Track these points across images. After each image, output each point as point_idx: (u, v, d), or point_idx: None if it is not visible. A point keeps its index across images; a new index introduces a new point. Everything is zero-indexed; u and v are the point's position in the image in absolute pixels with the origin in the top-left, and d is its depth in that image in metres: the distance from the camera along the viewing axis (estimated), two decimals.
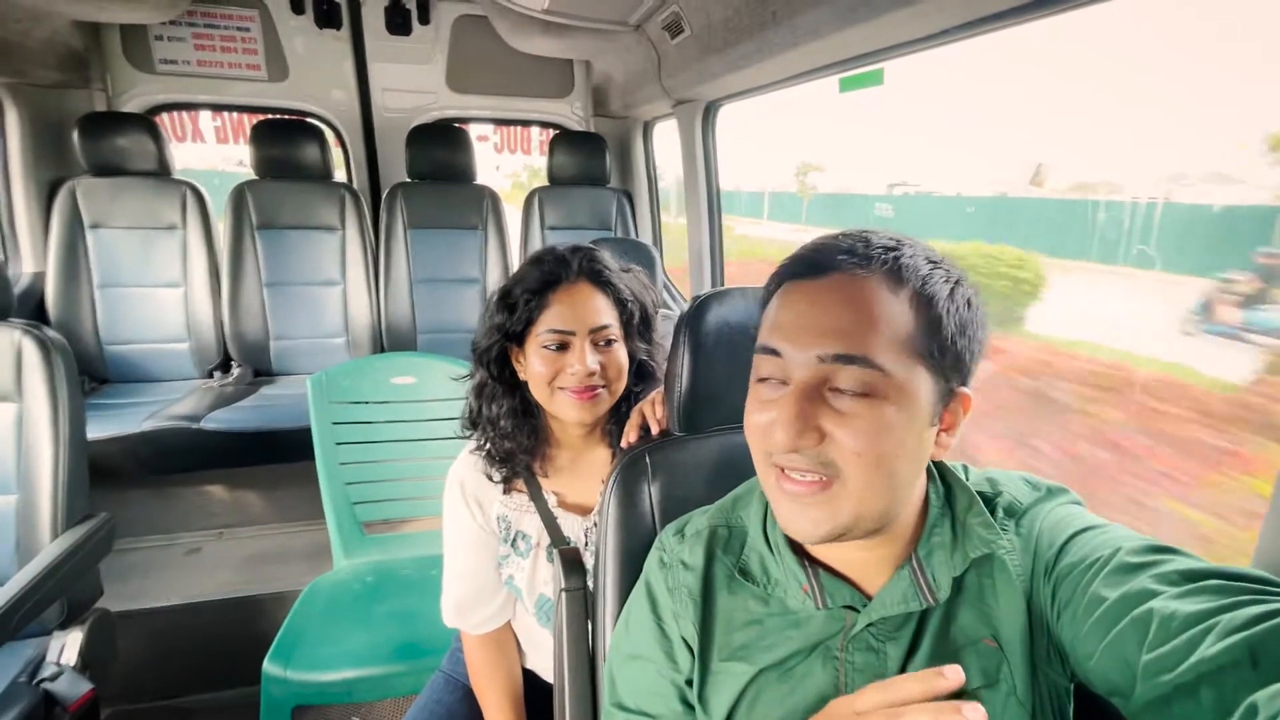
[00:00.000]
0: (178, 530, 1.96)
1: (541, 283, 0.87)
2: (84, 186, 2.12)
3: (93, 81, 2.25)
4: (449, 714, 1.05)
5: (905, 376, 0.49)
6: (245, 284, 2.26)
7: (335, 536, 1.56)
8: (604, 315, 0.88)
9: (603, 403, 0.88)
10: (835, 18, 1.12)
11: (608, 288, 0.89)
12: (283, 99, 2.49)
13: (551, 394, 0.87)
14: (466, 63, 2.65)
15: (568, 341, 0.86)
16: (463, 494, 0.97)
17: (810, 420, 0.49)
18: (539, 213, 2.59)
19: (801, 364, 0.51)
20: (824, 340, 0.50)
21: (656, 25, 1.86)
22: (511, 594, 1.00)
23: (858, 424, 0.49)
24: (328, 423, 1.51)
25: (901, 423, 0.49)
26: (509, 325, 0.88)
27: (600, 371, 0.86)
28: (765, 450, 0.54)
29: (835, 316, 0.50)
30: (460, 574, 1.00)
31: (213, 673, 1.67)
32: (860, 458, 0.49)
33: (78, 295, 2.13)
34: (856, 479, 0.49)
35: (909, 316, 0.50)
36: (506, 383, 0.92)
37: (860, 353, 0.49)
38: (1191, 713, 0.38)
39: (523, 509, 0.97)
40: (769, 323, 0.55)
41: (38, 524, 1.20)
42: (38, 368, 1.20)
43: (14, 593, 1.05)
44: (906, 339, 0.49)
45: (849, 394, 0.49)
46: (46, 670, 1.14)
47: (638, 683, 0.64)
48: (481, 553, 0.99)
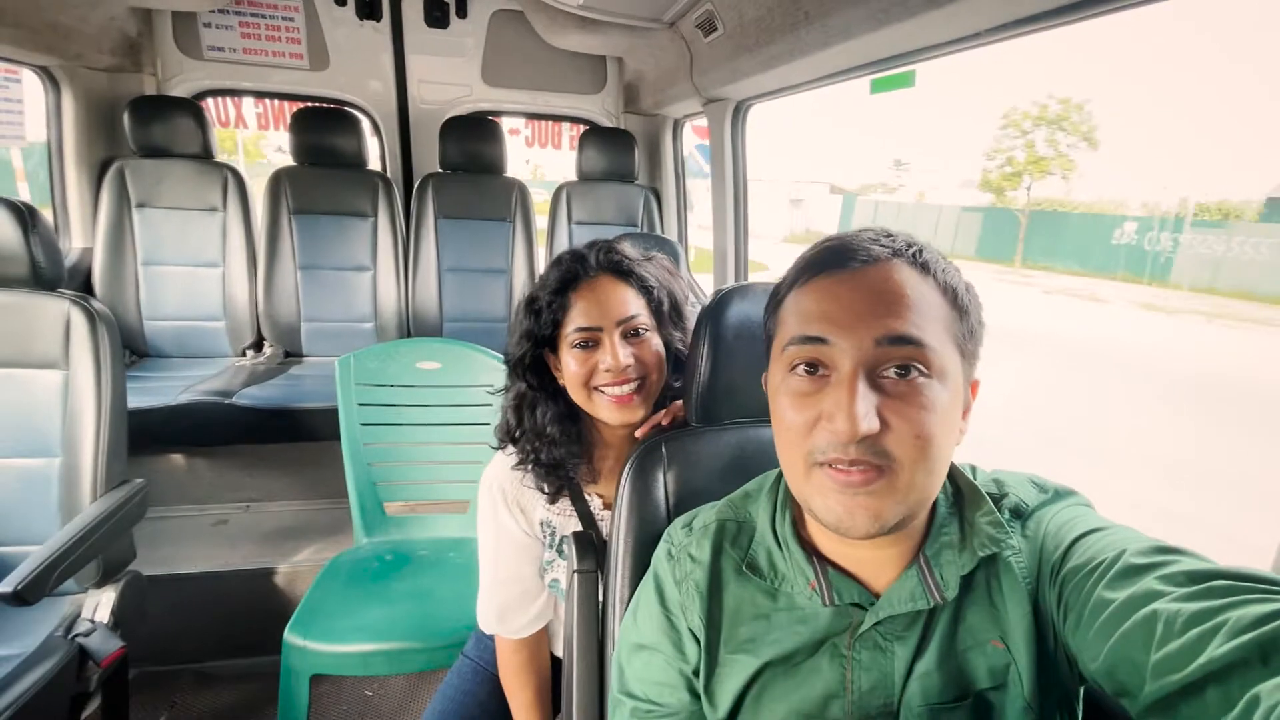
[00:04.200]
0: (207, 501, 2.03)
1: (561, 282, 0.85)
2: (132, 167, 2.20)
3: (144, 66, 2.33)
4: (480, 706, 1.04)
5: (947, 358, 0.50)
6: (280, 266, 2.33)
7: (357, 515, 1.60)
8: (630, 305, 0.85)
9: (645, 401, 0.85)
10: (868, 18, 1.12)
11: (630, 277, 0.86)
12: (322, 88, 2.55)
13: (589, 396, 0.85)
14: (501, 57, 2.68)
15: (596, 338, 0.83)
16: (504, 499, 0.94)
17: (872, 404, 0.48)
18: (566, 207, 2.62)
19: (854, 349, 0.49)
20: (878, 323, 0.49)
21: (690, 23, 1.86)
22: (553, 595, 0.99)
23: (914, 405, 0.48)
24: (354, 404, 1.55)
25: (948, 405, 0.49)
26: (537, 330, 0.85)
27: (635, 364, 0.83)
28: (808, 449, 0.50)
29: (885, 300, 0.50)
30: (502, 580, 0.96)
31: (235, 640, 1.73)
32: (918, 440, 0.48)
33: (122, 271, 2.21)
34: (911, 465, 0.48)
35: (942, 302, 0.51)
36: (548, 390, 0.89)
37: (915, 333, 0.49)
38: (1199, 712, 0.37)
39: (566, 513, 0.94)
40: (802, 314, 0.53)
41: (79, 486, 1.26)
42: (85, 338, 1.25)
43: (54, 550, 1.10)
44: (946, 321, 0.51)
45: (903, 377, 0.48)
46: (81, 626, 1.20)
47: (646, 672, 0.64)
48: (524, 557, 0.96)
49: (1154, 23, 10.93)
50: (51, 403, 1.26)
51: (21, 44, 1.85)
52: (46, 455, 1.26)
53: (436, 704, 1.05)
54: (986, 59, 5.10)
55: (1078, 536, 0.52)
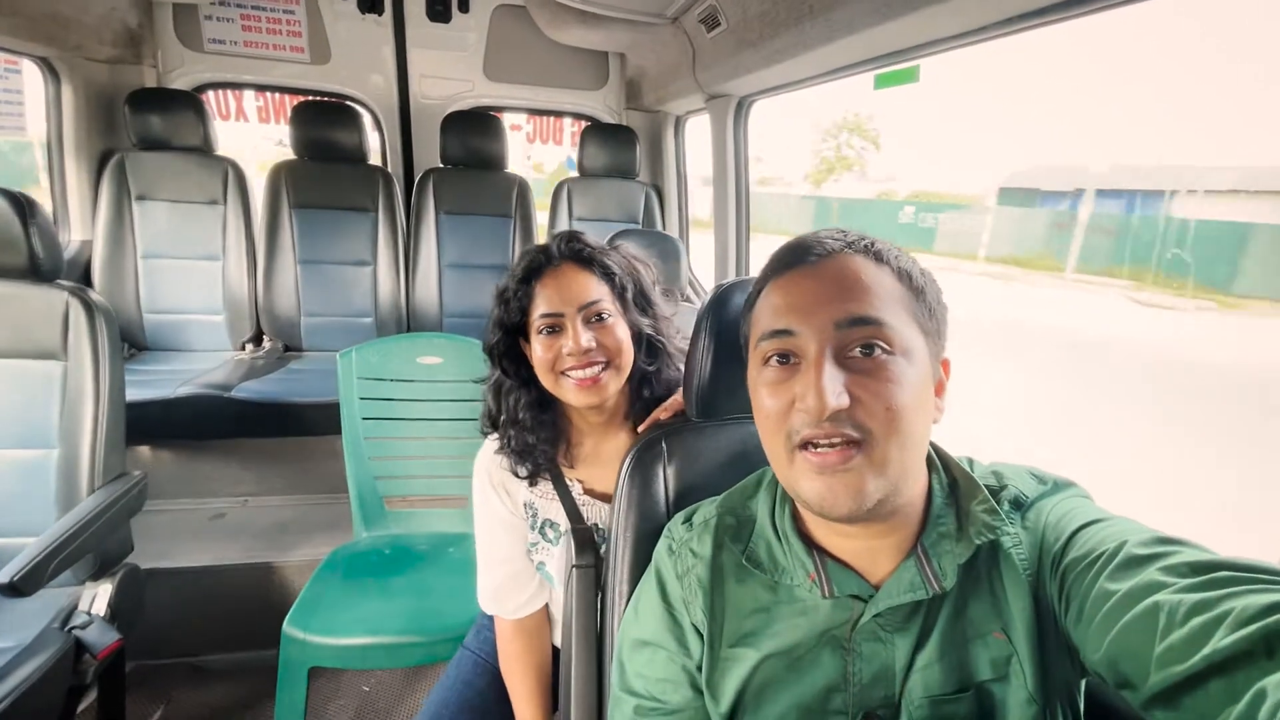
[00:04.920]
0: (205, 495, 2.02)
1: (527, 271, 0.89)
2: (132, 159, 2.19)
3: (144, 58, 2.32)
4: (479, 695, 1.05)
5: (909, 335, 0.53)
6: (280, 261, 2.32)
7: (356, 508, 1.60)
8: (593, 291, 0.88)
9: (609, 384, 0.87)
10: (871, 13, 1.11)
11: (593, 265, 0.89)
12: (323, 82, 2.55)
13: (556, 380, 0.88)
14: (503, 52, 2.67)
15: (560, 323, 0.87)
16: (490, 482, 0.98)
17: (839, 381, 0.50)
18: (567, 203, 2.61)
19: (817, 334, 0.52)
20: (837, 308, 0.52)
21: (693, 18, 1.86)
22: (546, 581, 1.01)
23: (880, 379, 0.50)
24: (354, 398, 1.55)
25: (915, 379, 0.52)
26: (507, 319, 0.90)
27: (598, 348, 0.86)
28: (785, 432, 0.53)
29: (842, 287, 0.53)
30: (496, 560, 1.00)
31: (233, 633, 1.72)
32: (889, 413, 0.50)
33: (122, 264, 2.20)
34: (884, 438, 0.50)
35: (898, 286, 0.54)
36: (521, 377, 0.93)
37: (873, 314, 0.52)
38: (1202, 703, 0.37)
39: (548, 497, 0.97)
40: (770, 310, 0.56)
41: (77, 478, 1.25)
42: (83, 329, 1.25)
43: (51, 542, 1.09)
44: (903, 302, 0.54)
45: (868, 355, 0.51)
46: (78, 618, 1.19)
47: (649, 669, 0.64)
48: (514, 537, 0.99)
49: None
50: (50, 394, 1.26)
51: (20, 34, 1.84)
52: (44, 446, 1.26)
53: (436, 693, 1.06)
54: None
55: (1078, 528, 0.52)
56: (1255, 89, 44.80)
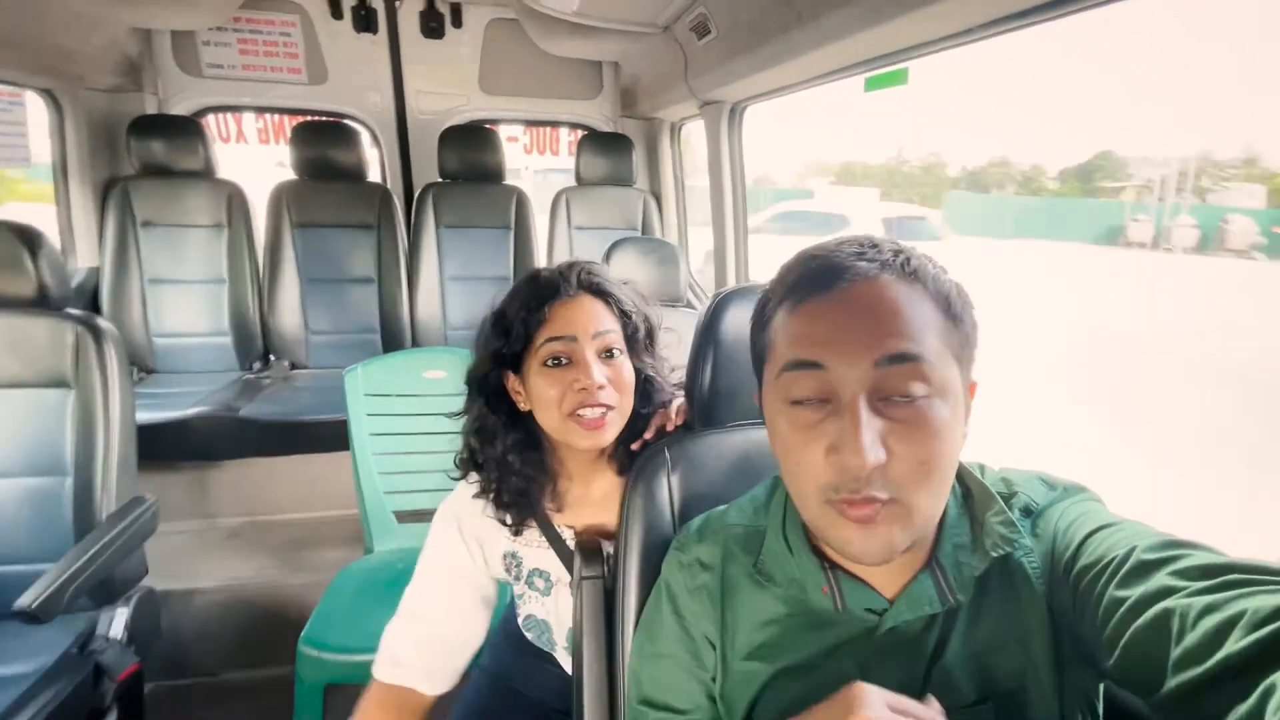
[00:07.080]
0: (218, 515, 2.04)
1: (538, 297, 0.81)
2: (135, 186, 2.22)
3: (144, 85, 2.35)
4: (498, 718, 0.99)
5: (946, 372, 0.49)
6: (284, 280, 2.34)
7: (367, 524, 1.61)
8: (607, 322, 0.82)
9: (611, 426, 0.81)
10: (860, 18, 1.12)
11: (609, 298, 0.84)
12: (321, 101, 2.57)
13: (563, 421, 0.79)
14: (498, 65, 2.69)
15: (570, 351, 0.79)
16: (460, 533, 0.88)
17: (876, 430, 0.47)
18: (566, 212, 2.62)
19: (854, 374, 0.48)
20: (875, 344, 0.48)
21: (684, 26, 1.87)
22: (463, 663, 0.90)
23: (917, 427, 0.47)
24: (362, 414, 1.56)
25: (950, 421, 0.49)
26: (506, 348, 0.82)
27: (608, 386, 0.79)
28: (823, 485, 0.49)
29: (878, 318, 0.48)
30: (426, 617, 0.87)
31: (250, 651, 1.73)
32: (922, 466, 0.47)
33: (129, 289, 2.23)
34: (915, 491, 0.48)
35: (935, 314, 0.50)
36: (507, 414, 0.85)
37: (913, 349, 0.48)
38: (1218, 707, 0.37)
39: (533, 544, 0.90)
40: (794, 338, 0.52)
41: (91, 504, 1.27)
42: (92, 356, 1.27)
43: (68, 568, 1.11)
44: (941, 333, 0.50)
45: (905, 400, 0.48)
46: (96, 643, 1.21)
47: (664, 679, 0.64)
48: (461, 599, 0.89)
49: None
50: (62, 422, 1.28)
51: (24, 67, 1.87)
52: (58, 474, 1.28)
53: (458, 714, 1.02)
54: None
55: (1088, 534, 0.51)
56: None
